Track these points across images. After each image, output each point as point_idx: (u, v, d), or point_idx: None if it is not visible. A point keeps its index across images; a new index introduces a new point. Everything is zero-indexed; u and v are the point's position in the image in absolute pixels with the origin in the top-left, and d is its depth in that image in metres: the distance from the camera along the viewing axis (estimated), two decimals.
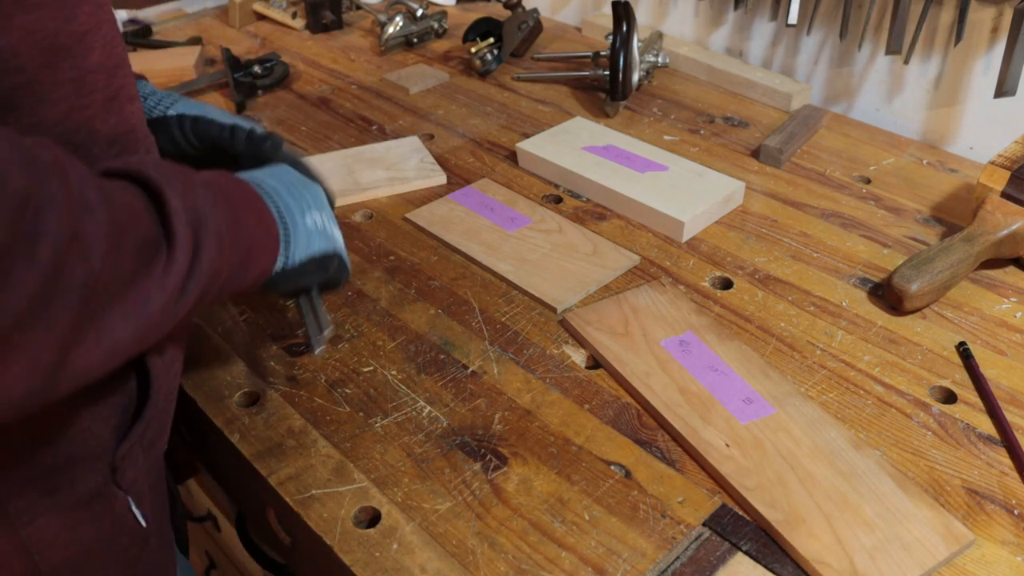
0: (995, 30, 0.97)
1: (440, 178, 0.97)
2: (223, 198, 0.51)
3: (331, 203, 0.66)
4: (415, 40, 1.31)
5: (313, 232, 0.60)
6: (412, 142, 1.03)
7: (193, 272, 0.46)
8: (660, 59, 1.18)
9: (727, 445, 0.63)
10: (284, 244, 0.58)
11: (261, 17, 1.43)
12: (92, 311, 0.39)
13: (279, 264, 0.58)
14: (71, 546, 0.53)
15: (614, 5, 1.06)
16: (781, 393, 0.67)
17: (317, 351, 0.66)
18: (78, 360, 0.39)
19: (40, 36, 0.46)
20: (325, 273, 0.62)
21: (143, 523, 0.57)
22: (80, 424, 0.51)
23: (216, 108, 0.76)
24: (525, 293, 0.80)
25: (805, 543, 0.56)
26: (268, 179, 0.60)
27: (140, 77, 0.77)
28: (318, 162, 0.99)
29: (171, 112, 0.72)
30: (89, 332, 0.39)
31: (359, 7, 1.42)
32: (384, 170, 0.98)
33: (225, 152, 0.71)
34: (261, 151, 0.69)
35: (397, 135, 1.07)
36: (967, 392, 0.69)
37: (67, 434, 0.51)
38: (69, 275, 0.37)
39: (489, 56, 1.22)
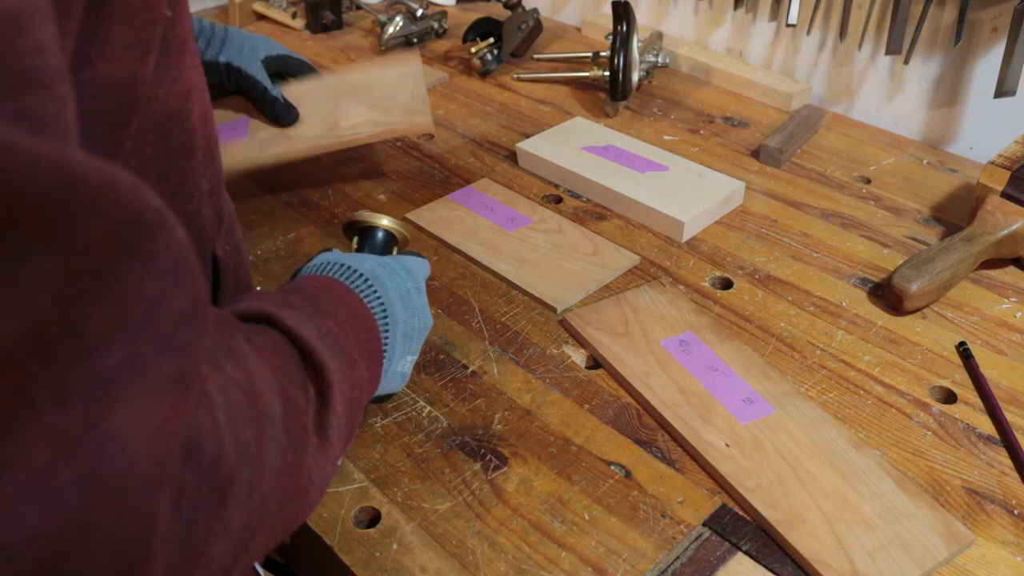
0: (995, 30, 0.97)
1: (426, 120, 0.90)
2: (368, 382, 0.51)
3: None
4: (415, 40, 1.31)
5: (395, 378, 0.59)
6: (411, 71, 0.95)
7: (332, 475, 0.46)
8: (660, 59, 1.18)
9: (727, 445, 0.63)
10: None
11: (261, 17, 1.43)
12: (250, 549, 0.38)
13: None
14: None
15: (614, 5, 1.06)
16: (781, 393, 0.67)
17: None
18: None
19: (154, 106, 0.42)
20: (375, 402, 0.61)
21: (260, 573, 0.59)
22: None
23: (264, 42, 0.91)
24: (525, 293, 0.80)
25: (805, 543, 0.56)
26: (398, 305, 0.58)
27: None
28: (305, 92, 0.93)
29: (222, 59, 0.86)
30: (240, 561, 0.38)
31: (359, 7, 1.42)
32: (369, 108, 0.91)
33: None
34: (280, 121, 0.90)
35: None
36: (967, 392, 0.69)
37: None
38: (250, 537, 0.37)
39: (489, 56, 1.21)
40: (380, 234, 0.67)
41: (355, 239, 0.67)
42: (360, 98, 0.93)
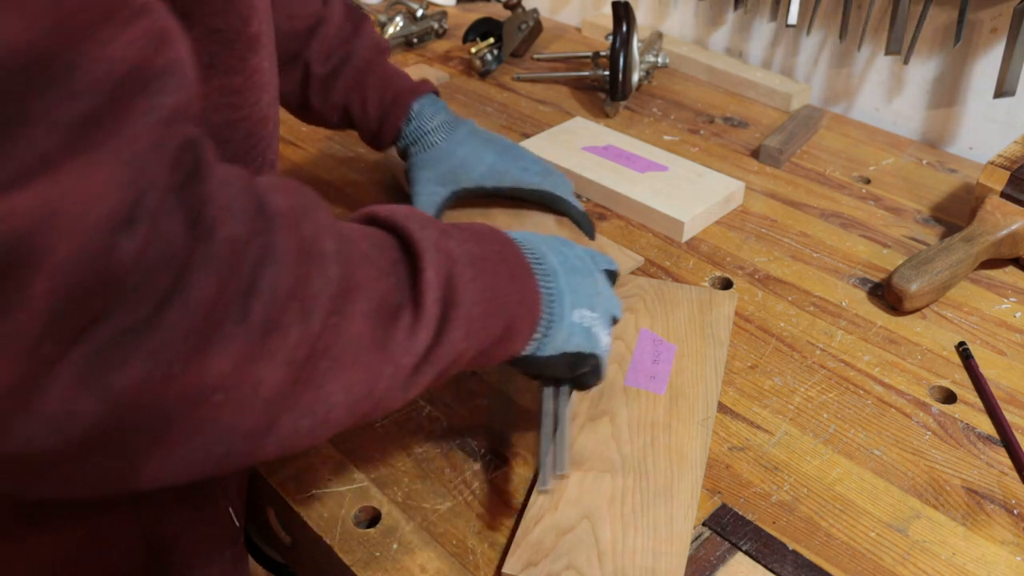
0: (995, 30, 0.97)
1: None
2: (489, 270, 0.46)
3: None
4: (415, 40, 1.31)
5: (576, 329, 0.53)
6: None
7: (432, 353, 0.41)
8: (660, 59, 1.18)
9: None
10: (541, 333, 0.52)
11: None
12: (308, 376, 0.35)
13: (527, 350, 0.52)
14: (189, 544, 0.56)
15: (614, 5, 1.06)
16: None
17: (545, 487, 0.56)
18: (285, 427, 0.35)
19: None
20: (571, 371, 0.56)
21: (236, 522, 0.59)
22: None
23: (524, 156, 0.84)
24: None
25: None
26: (550, 255, 0.53)
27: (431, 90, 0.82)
28: None
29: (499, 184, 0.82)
30: (302, 399, 0.35)
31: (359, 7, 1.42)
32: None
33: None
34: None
35: None
36: (967, 392, 0.69)
37: None
38: (282, 336, 0.33)
39: (489, 56, 1.21)
40: None
41: None
42: None
